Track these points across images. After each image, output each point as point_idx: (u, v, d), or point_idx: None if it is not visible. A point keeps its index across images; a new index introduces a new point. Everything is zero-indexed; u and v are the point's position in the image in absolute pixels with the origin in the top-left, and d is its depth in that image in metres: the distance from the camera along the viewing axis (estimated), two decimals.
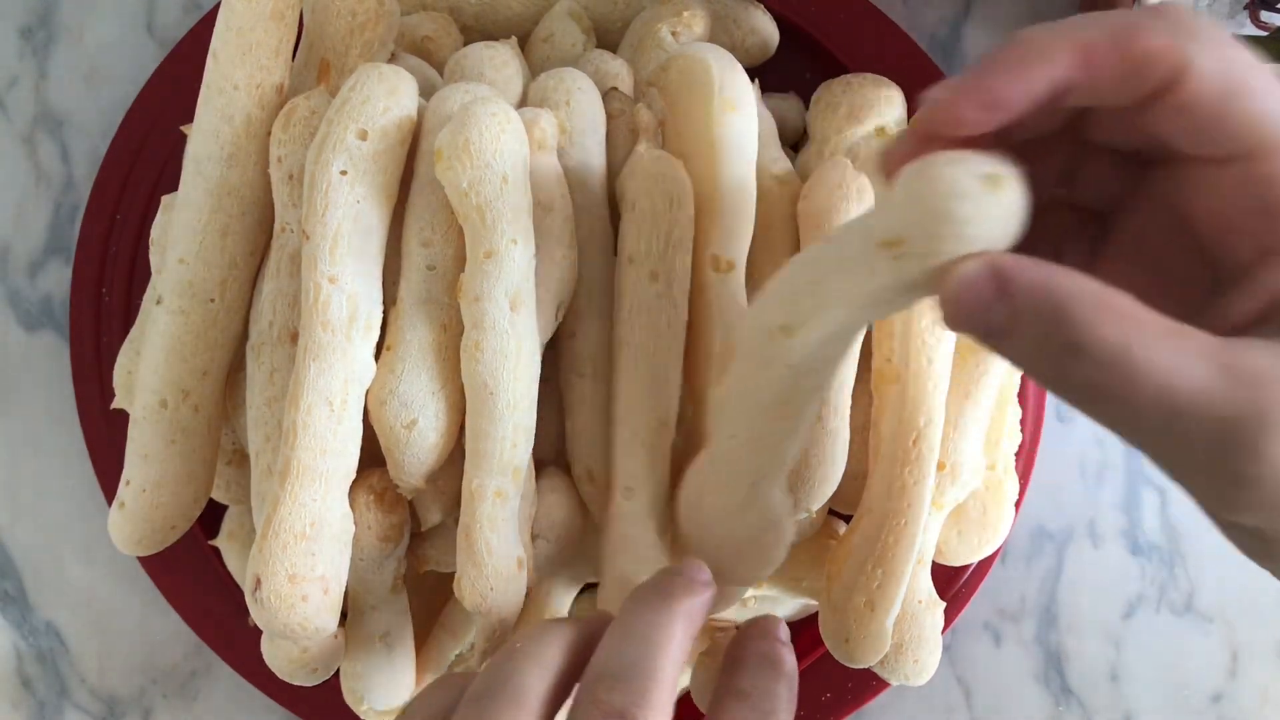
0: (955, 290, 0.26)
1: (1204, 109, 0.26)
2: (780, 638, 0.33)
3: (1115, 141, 0.30)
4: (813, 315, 0.30)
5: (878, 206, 0.29)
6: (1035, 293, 0.25)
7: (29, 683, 0.57)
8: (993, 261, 0.25)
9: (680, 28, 0.48)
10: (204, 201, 0.44)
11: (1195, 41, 0.26)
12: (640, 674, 0.28)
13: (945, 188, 0.26)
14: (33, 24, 0.57)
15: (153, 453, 0.44)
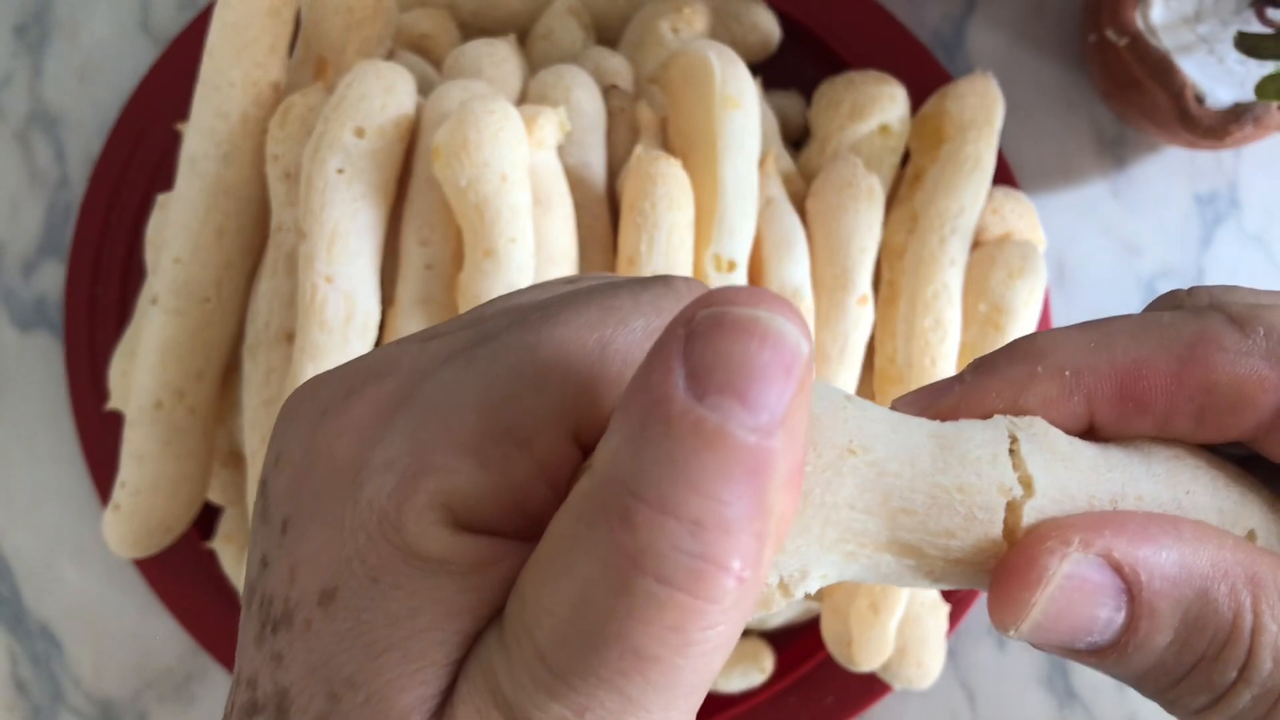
0: (1050, 592, 0.18)
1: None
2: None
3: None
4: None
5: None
6: (1179, 590, 0.19)
7: (23, 686, 0.56)
8: (1108, 549, 0.18)
9: (681, 24, 0.48)
10: (199, 200, 0.44)
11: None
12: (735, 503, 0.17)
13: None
14: (27, 21, 0.57)
15: (148, 454, 0.44)
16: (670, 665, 0.17)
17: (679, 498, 0.16)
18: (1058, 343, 0.21)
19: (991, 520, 0.19)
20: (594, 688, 0.17)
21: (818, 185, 0.45)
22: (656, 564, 0.16)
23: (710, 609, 0.16)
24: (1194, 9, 0.46)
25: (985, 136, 0.46)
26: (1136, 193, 0.53)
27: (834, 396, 0.20)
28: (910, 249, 0.45)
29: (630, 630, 0.17)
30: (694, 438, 0.16)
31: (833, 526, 0.19)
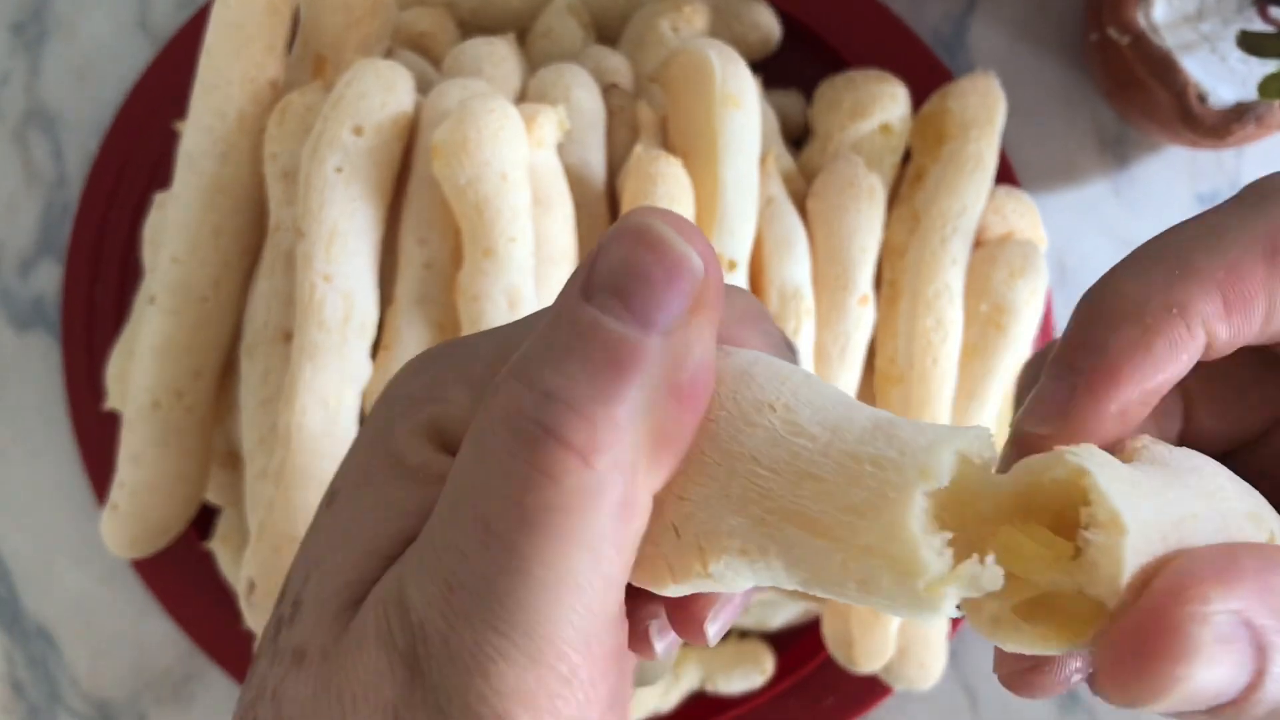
0: (1202, 664, 0.17)
1: None
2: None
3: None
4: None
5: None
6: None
7: (20, 687, 0.56)
8: (1244, 609, 0.17)
9: (681, 23, 0.48)
10: (197, 199, 0.44)
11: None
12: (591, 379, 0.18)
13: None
14: (25, 20, 0.57)
15: (145, 454, 0.44)
16: (511, 545, 0.17)
17: (539, 373, 0.18)
18: (1143, 286, 0.19)
19: (902, 501, 0.17)
20: (455, 563, 0.18)
21: (819, 185, 0.45)
22: (505, 430, 0.17)
23: (546, 485, 0.17)
24: (1196, 7, 0.46)
25: (987, 136, 0.46)
26: (1138, 192, 0.53)
27: (786, 369, 0.19)
28: (911, 248, 0.45)
29: (479, 502, 0.18)
30: (570, 327, 0.18)
31: (738, 480, 0.18)
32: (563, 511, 0.17)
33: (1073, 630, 0.18)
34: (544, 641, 0.18)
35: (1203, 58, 0.46)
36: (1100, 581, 0.17)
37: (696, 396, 0.18)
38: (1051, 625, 0.18)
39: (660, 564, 0.19)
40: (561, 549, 0.17)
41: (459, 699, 0.18)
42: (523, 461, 0.17)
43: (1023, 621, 0.18)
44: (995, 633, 0.18)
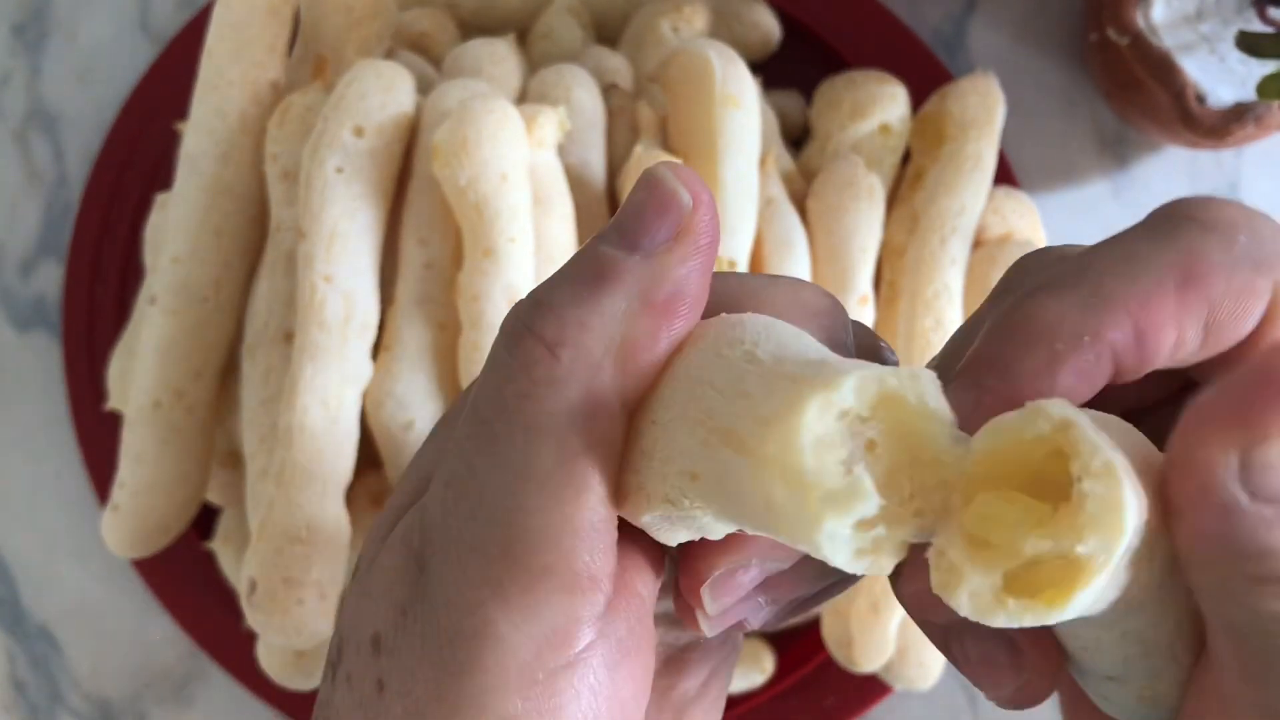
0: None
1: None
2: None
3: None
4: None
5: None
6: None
7: (21, 687, 0.56)
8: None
9: (681, 23, 0.48)
10: (198, 199, 0.44)
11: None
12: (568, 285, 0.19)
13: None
14: (26, 21, 0.57)
15: (146, 454, 0.44)
16: (491, 433, 0.19)
17: (538, 289, 0.20)
18: (1057, 311, 0.19)
19: (798, 407, 0.17)
20: (455, 457, 0.20)
21: (818, 185, 0.45)
22: (501, 333, 0.20)
23: (520, 374, 0.19)
24: (1195, 8, 0.46)
25: (986, 136, 0.46)
26: (1137, 192, 0.53)
27: (786, 328, 0.20)
28: (911, 249, 0.45)
29: (477, 397, 0.20)
30: (575, 257, 0.20)
31: (694, 403, 0.19)
32: (530, 398, 0.19)
33: (1057, 594, 0.17)
34: (512, 531, 0.18)
35: (1202, 58, 0.46)
36: (1104, 529, 0.17)
37: (670, 313, 0.19)
38: (1034, 594, 0.17)
39: (640, 492, 0.19)
40: (530, 436, 0.18)
41: (443, 591, 0.19)
42: (504, 354, 0.19)
43: (1007, 595, 0.17)
44: (980, 611, 0.17)
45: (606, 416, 0.19)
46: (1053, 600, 0.17)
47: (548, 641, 0.18)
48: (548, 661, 0.18)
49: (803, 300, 0.21)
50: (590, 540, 0.19)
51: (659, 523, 0.20)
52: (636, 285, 0.19)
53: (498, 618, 0.18)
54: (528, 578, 0.18)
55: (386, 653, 0.19)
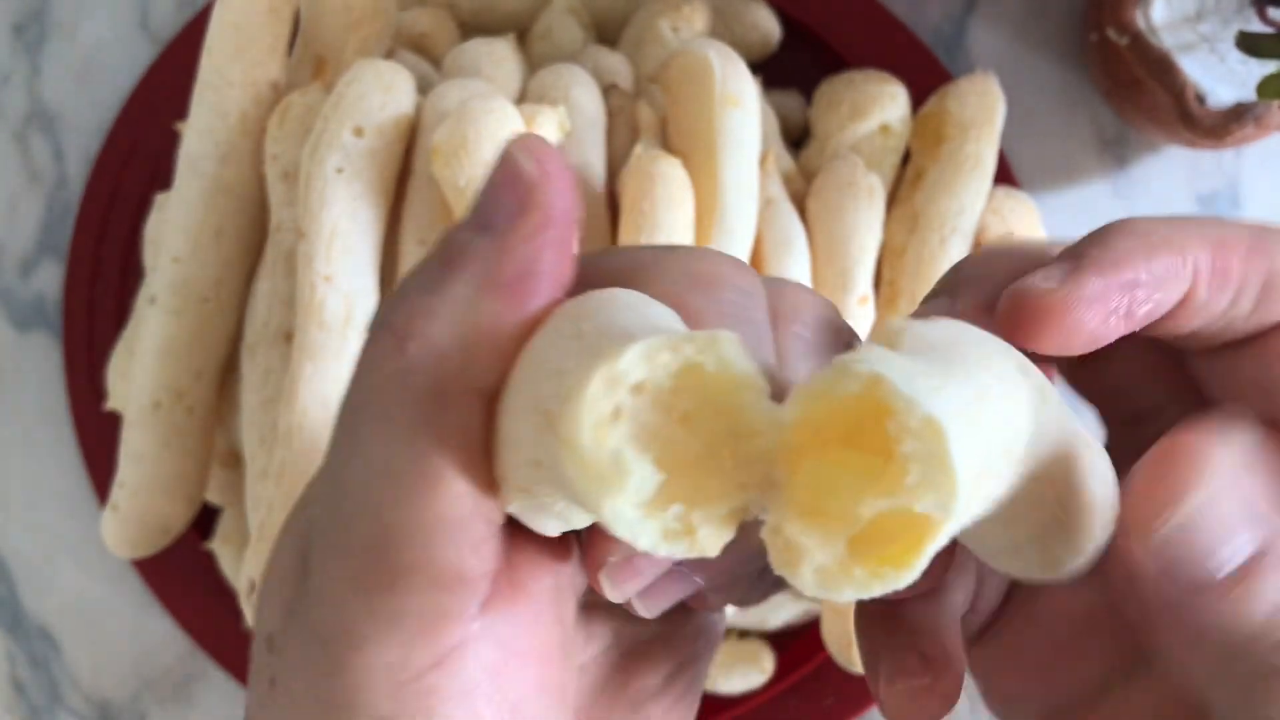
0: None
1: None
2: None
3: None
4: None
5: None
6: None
7: (21, 687, 0.56)
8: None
9: (681, 23, 0.48)
10: (198, 200, 0.44)
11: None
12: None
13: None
14: (25, 20, 0.57)
15: (146, 454, 0.44)
16: (350, 430, 0.19)
17: (401, 280, 0.19)
18: (1157, 224, 0.21)
19: (581, 383, 0.16)
20: (327, 454, 0.19)
21: (818, 185, 0.45)
22: (367, 327, 0.19)
23: (372, 370, 0.18)
24: (1195, 8, 0.46)
25: (986, 136, 0.46)
26: (1137, 192, 0.53)
27: (640, 301, 0.18)
28: (911, 249, 0.45)
29: (345, 389, 0.19)
30: (434, 245, 0.19)
31: (531, 387, 0.18)
32: (381, 393, 0.18)
33: (905, 553, 0.16)
34: (374, 530, 0.18)
35: (1202, 58, 0.46)
36: (937, 488, 0.16)
37: (519, 294, 0.18)
38: (881, 557, 0.16)
39: (504, 483, 0.18)
40: (381, 433, 0.18)
41: (318, 591, 0.18)
42: (362, 351, 0.19)
43: (853, 564, 0.16)
44: (826, 586, 0.16)
45: (458, 407, 0.18)
46: (900, 561, 0.16)
47: (413, 642, 0.18)
48: (414, 661, 0.18)
49: (696, 271, 0.20)
50: (452, 536, 0.18)
51: (525, 513, 0.19)
52: (483, 266, 0.18)
53: (361, 617, 0.18)
54: (389, 576, 0.18)
55: (276, 651, 0.19)
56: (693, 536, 0.17)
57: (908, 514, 0.16)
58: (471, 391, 0.18)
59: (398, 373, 0.18)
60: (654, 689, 0.23)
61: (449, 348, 0.18)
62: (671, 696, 0.23)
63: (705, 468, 0.17)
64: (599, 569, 0.19)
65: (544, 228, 0.18)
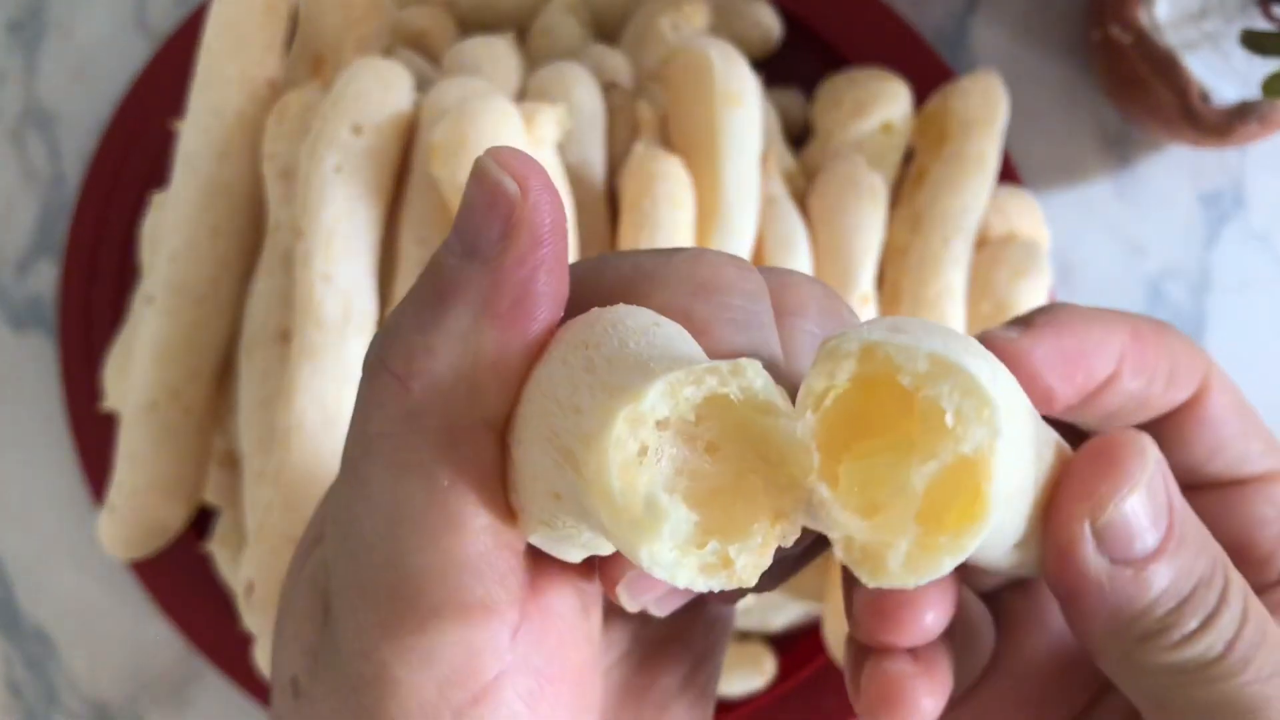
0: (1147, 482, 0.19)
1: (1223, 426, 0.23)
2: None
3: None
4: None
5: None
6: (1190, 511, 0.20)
7: (17, 689, 0.56)
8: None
9: (682, 21, 0.47)
10: (195, 199, 0.44)
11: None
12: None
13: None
14: (22, 19, 0.57)
15: (143, 455, 0.44)
16: (360, 475, 0.19)
17: (391, 316, 0.19)
18: (1088, 310, 0.22)
19: (605, 425, 0.16)
20: (334, 498, 0.19)
21: (820, 183, 0.45)
22: (362, 368, 0.19)
23: (376, 412, 0.18)
24: (1199, 6, 0.46)
25: (989, 135, 0.46)
26: (1141, 191, 0.53)
27: (648, 319, 0.18)
28: (913, 248, 0.45)
29: (348, 433, 0.19)
30: (423, 274, 0.19)
31: (545, 420, 0.18)
32: (389, 437, 0.18)
33: (973, 500, 0.16)
34: (396, 574, 0.18)
35: (1205, 56, 0.46)
36: (971, 413, 0.16)
37: (518, 321, 0.18)
38: (956, 515, 0.16)
39: (523, 514, 0.18)
40: (396, 476, 0.18)
41: (343, 637, 0.18)
42: (363, 394, 0.18)
43: (934, 537, 0.16)
44: (920, 569, 0.16)
45: (470, 442, 0.18)
46: (974, 508, 0.16)
47: (449, 681, 0.18)
48: (452, 700, 0.18)
49: (700, 278, 0.19)
50: (478, 571, 0.18)
51: (548, 543, 0.19)
52: (478, 296, 0.18)
53: (393, 661, 0.17)
54: (416, 619, 0.17)
55: (303, 697, 0.19)
56: (730, 569, 0.17)
57: (960, 464, 0.16)
58: (482, 425, 0.18)
59: (405, 414, 0.18)
60: (676, 688, 0.23)
61: (454, 384, 0.18)
62: (693, 693, 0.23)
63: (737, 498, 0.17)
64: (616, 584, 0.19)
65: (534, 248, 0.18)
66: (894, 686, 0.20)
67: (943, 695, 0.21)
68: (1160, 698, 0.20)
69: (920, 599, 0.20)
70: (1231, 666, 0.19)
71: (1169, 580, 0.19)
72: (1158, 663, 0.19)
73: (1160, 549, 0.19)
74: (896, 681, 0.20)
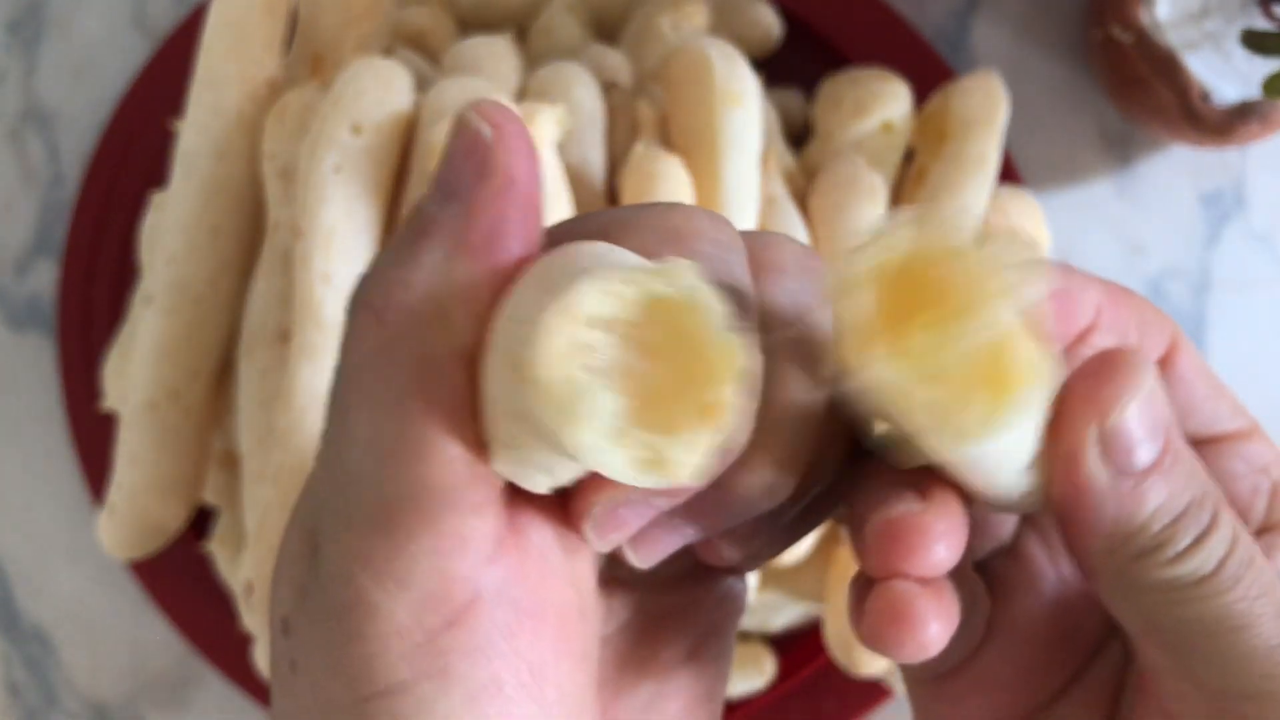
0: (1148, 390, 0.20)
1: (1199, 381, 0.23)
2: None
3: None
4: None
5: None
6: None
7: (16, 690, 0.56)
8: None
9: (681, 21, 0.47)
10: (194, 198, 0.43)
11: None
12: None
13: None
14: (21, 18, 0.57)
15: (142, 455, 0.44)
16: (343, 409, 0.19)
17: (373, 258, 0.20)
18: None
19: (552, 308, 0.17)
20: (324, 436, 0.20)
21: (820, 183, 0.45)
22: (346, 307, 0.20)
23: (356, 347, 0.19)
24: (1200, 5, 0.46)
25: (989, 134, 0.45)
26: (1142, 191, 0.53)
27: (594, 250, 0.19)
28: None
29: (334, 369, 0.20)
30: (404, 222, 0.20)
31: (505, 340, 0.18)
32: (366, 369, 0.18)
33: (1035, 358, 0.17)
34: (374, 503, 0.18)
35: (1206, 56, 0.45)
36: (1033, 274, 0.17)
37: (490, 253, 0.18)
38: (1015, 374, 0.17)
39: (492, 442, 0.19)
40: (371, 407, 0.18)
41: (327, 568, 0.19)
42: (345, 332, 0.19)
43: (1003, 394, 0.17)
44: (994, 422, 0.17)
45: (442, 373, 0.18)
46: (1038, 363, 0.17)
47: (423, 605, 0.18)
48: (426, 623, 0.18)
49: (672, 224, 0.20)
50: (450, 500, 0.18)
51: (513, 471, 0.19)
52: (453, 231, 0.19)
53: (370, 586, 0.18)
54: (392, 545, 0.18)
55: (293, 633, 0.19)
56: (665, 466, 0.17)
57: (1011, 331, 0.17)
58: (454, 355, 0.18)
59: (379, 346, 0.18)
60: (678, 660, 0.23)
61: (427, 314, 0.18)
62: (696, 666, 0.23)
63: (676, 398, 0.17)
64: (582, 519, 0.19)
65: (507, 188, 0.19)
66: (902, 602, 0.20)
67: (949, 625, 0.20)
68: (1152, 617, 0.20)
69: (933, 526, 0.20)
70: (1222, 583, 0.20)
71: (1164, 496, 0.20)
72: (1151, 579, 0.20)
73: (1157, 463, 0.20)
74: (904, 598, 0.20)
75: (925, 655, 0.20)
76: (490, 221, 0.18)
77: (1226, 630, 0.20)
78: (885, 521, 0.20)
